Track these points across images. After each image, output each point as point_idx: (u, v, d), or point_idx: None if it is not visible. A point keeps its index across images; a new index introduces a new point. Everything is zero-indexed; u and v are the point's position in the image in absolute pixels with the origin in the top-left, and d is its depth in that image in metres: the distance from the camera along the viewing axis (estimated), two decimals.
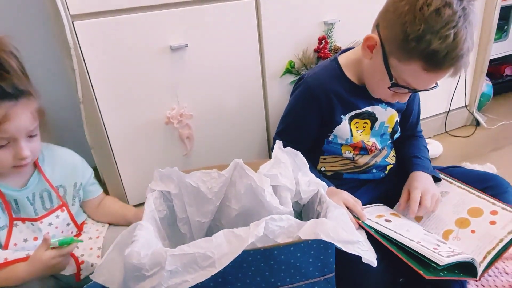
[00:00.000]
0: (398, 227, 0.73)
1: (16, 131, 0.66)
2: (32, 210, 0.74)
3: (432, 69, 0.69)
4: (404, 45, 0.68)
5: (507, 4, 1.58)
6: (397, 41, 0.70)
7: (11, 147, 0.67)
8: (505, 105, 1.72)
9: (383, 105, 0.88)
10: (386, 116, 0.90)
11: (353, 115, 0.87)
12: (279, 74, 1.08)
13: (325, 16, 1.06)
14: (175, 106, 0.98)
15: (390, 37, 0.71)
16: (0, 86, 0.63)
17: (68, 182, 0.81)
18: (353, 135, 0.87)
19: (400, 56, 0.71)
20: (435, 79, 0.73)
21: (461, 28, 0.66)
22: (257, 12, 0.99)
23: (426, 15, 0.65)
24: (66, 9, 0.80)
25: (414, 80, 0.72)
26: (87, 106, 0.89)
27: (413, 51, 0.68)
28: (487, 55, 1.43)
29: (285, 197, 0.76)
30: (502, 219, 0.73)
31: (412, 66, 0.70)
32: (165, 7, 0.89)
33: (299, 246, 0.60)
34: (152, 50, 0.91)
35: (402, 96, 0.78)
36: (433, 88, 0.76)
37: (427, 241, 0.69)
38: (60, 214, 0.79)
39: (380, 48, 0.73)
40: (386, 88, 0.76)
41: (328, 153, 0.92)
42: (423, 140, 1.00)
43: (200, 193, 0.79)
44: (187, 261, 0.57)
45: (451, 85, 1.43)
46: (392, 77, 0.73)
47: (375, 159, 0.92)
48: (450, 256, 0.64)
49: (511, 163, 1.25)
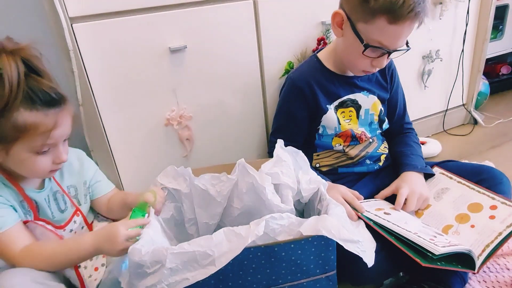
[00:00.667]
0: (397, 219, 0.74)
1: (60, 137, 0.67)
2: (49, 213, 0.73)
3: (395, 19, 0.74)
4: (365, 6, 0.75)
5: (502, 4, 1.59)
6: (358, 6, 0.77)
7: (50, 152, 0.67)
8: (502, 103, 1.73)
9: (364, 92, 0.93)
10: (369, 104, 0.93)
11: (337, 105, 0.91)
12: (278, 75, 1.08)
13: (323, 17, 1.07)
14: (175, 108, 0.99)
15: (352, 5, 0.78)
16: (48, 94, 0.63)
17: (78, 181, 0.80)
18: (340, 124, 0.91)
19: (365, 18, 0.77)
20: (401, 30, 0.76)
21: None
22: (256, 13, 0.99)
23: None
24: (65, 12, 0.80)
25: (383, 36, 0.77)
26: (87, 108, 0.89)
27: (374, 8, 0.74)
28: (483, 54, 1.44)
29: (286, 195, 0.76)
30: (501, 213, 0.73)
31: (378, 23, 0.75)
32: (164, 9, 0.89)
33: (299, 243, 0.60)
34: (152, 52, 0.91)
35: (379, 61, 0.82)
36: (406, 50, 0.81)
37: (424, 232, 0.70)
38: (77, 219, 0.79)
39: (347, 21, 0.80)
40: (362, 54, 0.80)
41: (321, 148, 0.94)
42: (413, 135, 1.02)
43: (209, 195, 0.80)
44: (187, 259, 0.57)
45: (448, 84, 1.44)
46: (363, 40, 0.78)
47: (366, 149, 0.94)
48: (445, 246, 0.64)
49: (509, 160, 1.26)
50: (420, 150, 0.98)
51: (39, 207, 0.72)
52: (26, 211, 0.70)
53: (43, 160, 0.66)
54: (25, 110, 0.61)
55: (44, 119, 0.63)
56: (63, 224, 0.76)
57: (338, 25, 0.83)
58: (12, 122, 0.60)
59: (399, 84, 1.00)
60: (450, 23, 1.33)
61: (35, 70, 0.64)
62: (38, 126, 0.62)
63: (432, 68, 1.35)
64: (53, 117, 0.64)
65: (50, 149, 0.67)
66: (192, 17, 0.92)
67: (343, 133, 0.92)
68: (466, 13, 1.33)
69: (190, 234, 0.84)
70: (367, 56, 0.80)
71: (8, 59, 0.60)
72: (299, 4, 1.03)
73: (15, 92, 0.60)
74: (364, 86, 0.93)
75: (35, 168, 0.67)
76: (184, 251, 0.57)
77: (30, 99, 0.61)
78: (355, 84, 0.92)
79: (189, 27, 0.93)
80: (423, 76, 1.35)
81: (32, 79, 0.62)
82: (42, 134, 0.63)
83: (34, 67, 0.63)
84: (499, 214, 0.74)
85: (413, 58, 1.31)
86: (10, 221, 0.66)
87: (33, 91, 0.62)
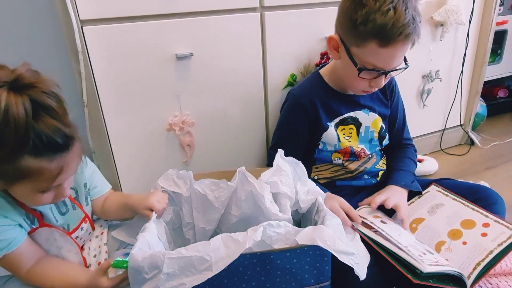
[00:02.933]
0: (391, 230, 0.75)
1: (65, 179, 0.64)
2: (52, 218, 0.72)
3: (386, 43, 0.75)
4: (355, 31, 0.77)
5: (501, 29, 1.63)
6: (349, 31, 0.78)
7: (53, 189, 0.64)
8: (498, 126, 1.76)
9: (365, 110, 0.94)
10: (369, 121, 0.95)
11: (337, 122, 0.92)
12: (281, 87, 1.10)
13: (327, 32, 1.10)
14: (178, 113, 1.00)
15: (344, 31, 0.80)
16: (52, 139, 0.57)
17: (78, 183, 0.78)
18: (340, 141, 0.92)
19: (356, 43, 0.78)
20: (394, 53, 0.77)
21: (398, 3, 0.73)
22: (262, 25, 1.02)
23: (365, 1, 0.74)
24: (76, 14, 0.82)
25: (376, 59, 0.78)
26: (91, 110, 0.91)
27: (364, 33, 0.75)
28: (481, 77, 1.47)
29: (284, 204, 0.77)
30: (493, 231, 0.74)
31: (369, 47, 0.76)
32: (172, 17, 0.92)
33: (295, 252, 0.61)
34: (158, 58, 0.93)
35: (376, 81, 0.83)
36: (404, 68, 0.82)
37: (415, 248, 0.71)
38: (84, 226, 0.78)
39: (342, 45, 0.82)
40: (358, 76, 0.81)
41: (320, 161, 0.95)
42: (410, 150, 1.03)
43: (207, 200, 0.80)
44: (184, 264, 0.58)
45: (447, 104, 1.46)
46: (356, 64, 0.80)
47: (364, 165, 0.95)
48: (432, 265, 0.65)
49: (504, 182, 1.28)
50: (412, 166, 0.99)
51: (43, 214, 0.71)
52: (31, 220, 0.69)
53: (45, 196, 0.64)
54: (29, 156, 0.56)
55: (49, 165, 0.58)
56: (70, 230, 0.75)
57: (334, 49, 0.85)
58: (15, 166, 0.56)
59: (399, 100, 1.01)
60: (450, 45, 1.36)
61: (45, 108, 0.57)
62: (43, 172, 0.58)
63: (431, 87, 1.37)
64: (59, 163, 0.59)
65: (54, 187, 0.64)
66: (200, 26, 0.95)
67: (342, 150, 0.93)
68: (466, 36, 1.36)
69: (187, 238, 0.84)
70: (363, 78, 0.81)
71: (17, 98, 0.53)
72: (305, 19, 1.06)
73: (21, 141, 0.54)
74: (366, 104, 0.94)
75: (35, 202, 0.66)
76: (182, 256, 0.57)
77: (35, 145, 0.56)
78: (356, 102, 0.93)
79: (197, 36, 0.95)
80: (422, 95, 1.38)
81: (39, 121, 0.56)
82: (47, 180, 0.60)
83: (45, 106, 0.56)
84: (491, 232, 0.75)
85: (413, 77, 1.34)
86: (17, 240, 0.66)
87: (38, 136, 0.55)
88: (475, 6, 1.32)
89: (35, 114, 0.55)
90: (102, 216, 0.86)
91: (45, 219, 0.71)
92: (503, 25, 1.63)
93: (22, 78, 0.55)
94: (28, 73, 0.57)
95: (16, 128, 0.53)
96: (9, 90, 0.54)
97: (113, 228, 0.85)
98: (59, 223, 0.73)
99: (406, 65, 0.82)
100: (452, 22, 1.26)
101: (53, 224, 0.72)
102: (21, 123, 0.53)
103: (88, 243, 0.81)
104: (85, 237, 0.80)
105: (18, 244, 0.65)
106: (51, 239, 0.71)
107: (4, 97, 0.53)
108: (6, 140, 0.54)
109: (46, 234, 0.71)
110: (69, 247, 0.74)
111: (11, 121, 0.53)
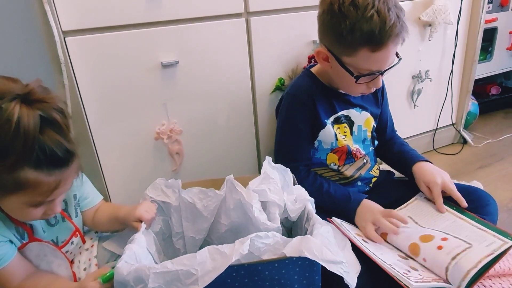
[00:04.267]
0: (374, 249, 0.74)
1: (60, 194, 0.64)
2: (40, 230, 0.71)
3: (377, 47, 0.74)
4: (343, 42, 0.76)
5: (491, 27, 1.64)
6: (337, 43, 0.78)
7: (45, 205, 0.64)
8: (491, 123, 1.76)
9: (357, 109, 0.93)
10: (361, 120, 0.94)
11: (333, 120, 0.91)
12: (269, 91, 1.09)
13: (314, 36, 1.08)
14: (165, 122, 0.99)
15: (331, 42, 0.80)
16: (56, 154, 0.58)
17: (68, 195, 0.77)
18: (337, 139, 0.91)
19: (347, 52, 0.77)
20: (386, 54, 0.77)
21: (379, 6, 0.73)
22: (248, 31, 1.01)
23: (346, 11, 0.74)
24: (58, 25, 0.81)
25: (370, 63, 0.78)
26: (76, 121, 0.89)
27: (353, 42, 0.75)
28: (471, 75, 1.47)
29: (273, 213, 0.76)
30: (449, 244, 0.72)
31: (361, 54, 0.76)
32: (157, 25, 0.91)
33: (283, 263, 0.60)
34: (143, 67, 0.92)
35: (375, 82, 0.82)
36: (398, 61, 0.81)
37: (399, 266, 0.70)
38: (75, 240, 0.77)
39: (331, 56, 0.81)
40: (356, 83, 0.81)
41: (315, 165, 0.94)
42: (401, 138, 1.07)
43: (196, 209, 0.79)
44: (170, 279, 0.57)
45: (438, 104, 1.46)
46: (352, 73, 0.79)
47: (359, 171, 0.95)
48: (418, 282, 0.64)
49: (497, 180, 1.28)
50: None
51: (32, 227, 0.70)
52: (21, 234, 0.69)
53: (35, 211, 0.63)
54: (29, 168, 0.57)
55: (48, 179, 0.59)
56: (60, 244, 0.74)
57: (324, 60, 0.84)
58: (14, 177, 0.57)
59: (387, 97, 1.02)
60: (439, 45, 1.36)
61: (52, 123, 0.58)
62: (40, 185, 0.59)
63: (421, 87, 1.37)
64: (57, 177, 0.60)
65: (46, 202, 0.63)
66: (184, 33, 0.94)
67: (339, 148, 0.91)
68: (455, 35, 1.36)
69: (177, 248, 0.83)
70: (361, 83, 0.81)
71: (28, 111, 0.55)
72: (291, 23, 1.05)
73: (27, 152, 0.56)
74: (358, 103, 0.93)
75: (25, 217, 0.65)
76: (167, 270, 0.56)
77: (37, 157, 0.57)
78: (348, 100, 0.92)
79: (182, 43, 0.94)
80: (413, 95, 1.38)
81: (45, 135, 0.57)
82: (42, 193, 0.60)
83: (52, 121, 0.58)
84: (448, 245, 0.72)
85: (403, 77, 1.33)
86: (8, 257, 0.65)
87: (42, 149, 0.57)
88: (463, 5, 1.32)
89: (41, 128, 0.57)
90: (93, 228, 0.85)
91: (35, 232, 0.71)
92: (493, 22, 1.63)
93: (34, 92, 0.58)
94: (40, 88, 0.59)
95: (25, 139, 0.55)
96: (22, 103, 0.56)
97: (103, 240, 0.84)
98: (47, 235, 0.73)
99: (399, 58, 0.81)
100: (440, 21, 1.26)
101: (42, 236, 0.71)
102: (30, 135, 0.55)
103: (78, 256, 0.80)
104: (75, 251, 0.79)
105: (8, 261, 0.65)
106: (41, 254, 0.71)
107: (17, 109, 0.55)
108: (14, 150, 0.55)
109: (36, 250, 0.70)
110: (59, 261, 0.73)
111: (21, 132, 0.55)
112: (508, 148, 1.50)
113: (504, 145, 1.53)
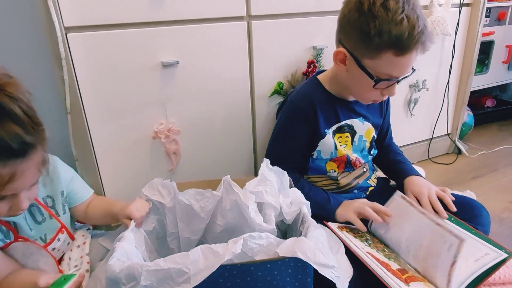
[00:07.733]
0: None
1: (20, 188, 0.60)
2: (27, 228, 0.70)
3: (403, 52, 0.74)
4: (369, 43, 0.74)
5: (488, 40, 1.66)
6: (362, 43, 0.76)
7: (8, 200, 0.60)
8: (485, 135, 1.78)
9: (360, 119, 0.93)
10: (363, 130, 0.94)
11: (335, 129, 0.91)
12: (267, 94, 1.10)
13: (315, 41, 1.11)
14: (163, 121, 0.99)
15: (355, 43, 0.78)
16: (7, 143, 0.54)
17: (54, 191, 0.76)
18: (337, 149, 0.91)
19: (370, 55, 0.76)
20: (409, 60, 0.77)
21: (409, 11, 0.73)
22: (249, 34, 1.02)
23: (376, 12, 0.73)
24: (61, 21, 0.81)
25: (391, 68, 0.77)
26: (75, 117, 0.89)
27: (380, 44, 0.74)
28: (468, 86, 1.49)
29: (269, 214, 0.76)
30: None
31: (385, 58, 0.75)
32: (159, 25, 0.91)
33: (276, 264, 0.60)
34: (144, 65, 0.92)
35: (389, 90, 0.82)
36: (412, 72, 0.81)
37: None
38: (61, 236, 0.76)
39: (351, 58, 0.79)
40: (372, 88, 0.80)
41: (313, 172, 0.94)
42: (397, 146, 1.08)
43: (193, 210, 0.79)
44: (162, 277, 0.57)
45: (434, 114, 1.48)
46: (372, 76, 0.78)
47: (357, 180, 0.95)
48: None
49: (490, 191, 1.29)
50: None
51: (17, 226, 0.69)
52: (5, 233, 0.67)
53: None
54: None
55: (0, 170, 0.55)
56: (48, 241, 0.73)
57: (341, 62, 0.82)
58: None
59: (390, 110, 1.03)
60: (437, 56, 1.38)
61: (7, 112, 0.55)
62: None
63: (418, 97, 1.39)
64: (11, 169, 0.56)
65: (8, 196, 0.60)
66: (186, 34, 0.94)
67: (338, 158, 0.92)
68: (452, 47, 1.38)
69: (172, 248, 0.83)
70: (378, 88, 0.80)
71: None
72: (292, 28, 1.06)
73: None
74: (361, 112, 0.93)
75: None
76: (160, 268, 0.56)
77: None
78: (353, 109, 0.92)
79: (183, 43, 0.95)
80: (409, 104, 1.39)
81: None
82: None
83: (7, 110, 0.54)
84: None
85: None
86: None
87: None
88: (461, 18, 1.35)
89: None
90: (86, 221, 0.85)
91: (20, 231, 0.70)
92: (490, 36, 1.66)
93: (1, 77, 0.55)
94: (2, 76, 0.56)
95: None
96: None
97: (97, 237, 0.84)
98: (34, 233, 0.72)
99: (413, 70, 0.81)
100: (438, 32, 1.28)
101: (28, 234, 0.70)
102: None
103: (69, 253, 0.79)
104: (64, 248, 0.78)
105: None
106: (28, 253, 0.70)
107: None
108: None
109: (22, 249, 0.69)
110: (45, 260, 0.72)
111: None
112: (501, 160, 1.52)
113: (498, 157, 1.55)
